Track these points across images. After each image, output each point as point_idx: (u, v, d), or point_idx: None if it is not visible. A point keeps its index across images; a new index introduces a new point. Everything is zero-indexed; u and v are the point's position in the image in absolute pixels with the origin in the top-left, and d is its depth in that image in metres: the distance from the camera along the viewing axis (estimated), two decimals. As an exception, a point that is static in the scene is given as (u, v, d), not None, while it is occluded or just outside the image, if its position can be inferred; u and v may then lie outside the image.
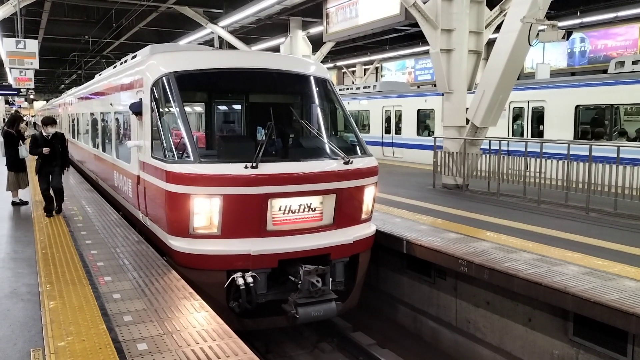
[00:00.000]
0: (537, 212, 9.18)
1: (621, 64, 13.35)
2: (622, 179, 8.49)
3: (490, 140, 11.04)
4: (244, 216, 6.06)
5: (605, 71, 14.88)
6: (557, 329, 5.89)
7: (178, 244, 6.18)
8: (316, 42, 21.47)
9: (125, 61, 10.14)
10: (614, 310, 4.85)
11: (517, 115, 15.19)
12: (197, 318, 4.61)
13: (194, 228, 6.05)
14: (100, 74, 13.83)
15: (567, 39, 10.53)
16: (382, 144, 20.90)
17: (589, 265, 6.07)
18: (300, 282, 6.11)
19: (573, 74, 22.05)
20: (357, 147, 7.22)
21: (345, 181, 6.54)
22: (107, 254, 6.58)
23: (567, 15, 20.66)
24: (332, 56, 32.64)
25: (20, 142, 9.66)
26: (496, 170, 10.62)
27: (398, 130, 20.36)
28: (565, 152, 9.41)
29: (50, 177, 8.77)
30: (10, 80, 27.90)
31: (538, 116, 14.48)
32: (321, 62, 20.11)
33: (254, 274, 6.04)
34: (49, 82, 55.40)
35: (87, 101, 14.00)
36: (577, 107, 13.28)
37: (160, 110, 6.73)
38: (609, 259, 6.34)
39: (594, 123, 13.57)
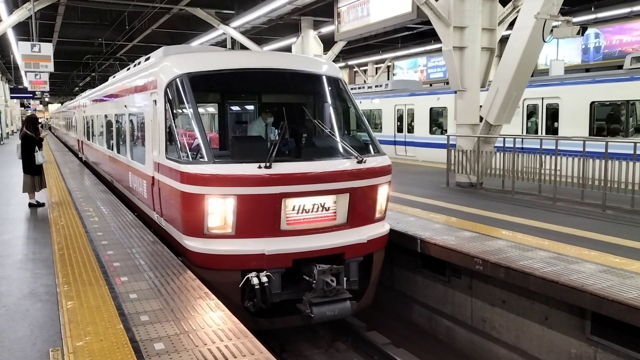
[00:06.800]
0: (552, 210, 9.10)
1: (637, 59, 13.19)
2: (639, 175, 8.38)
3: (504, 138, 10.96)
4: (258, 216, 6.08)
5: (620, 67, 14.70)
6: (574, 328, 5.83)
7: (193, 244, 6.21)
8: (327, 42, 21.50)
9: (139, 63, 10.20)
10: (633, 309, 4.79)
11: (532, 112, 15.07)
12: (212, 317, 4.62)
13: (208, 228, 6.08)
14: (114, 76, 13.94)
15: (582, 35, 10.40)
16: (395, 142, 20.84)
17: (606, 263, 6.00)
18: (314, 281, 6.11)
19: (587, 70, 21.85)
20: (370, 146, 7.19)
21: (359, 180, 6.52)
22: (123, 255, 6.62)
23: (582, 10, 20.49)
24: (343, 55, 32.63)
25: (37, 147, 9.69)
26: (510, 168, 10.53)
27: (410, 129, 20.30)
28: (581, 149, 9.31)
29: None
30: (26, 83, 28.26)
31: (552, 113, 14.34)
32: (333, 61, 20.10)
33: (268, 273, 6.05)
34: (64, 85, 56.10)
35: (102, 103, 14.12)
36: (592, 103, 13.14)
37: (174, 111, 6.77)
38: (626, 256, 6.26)
39: (609, 119, 13.42)
